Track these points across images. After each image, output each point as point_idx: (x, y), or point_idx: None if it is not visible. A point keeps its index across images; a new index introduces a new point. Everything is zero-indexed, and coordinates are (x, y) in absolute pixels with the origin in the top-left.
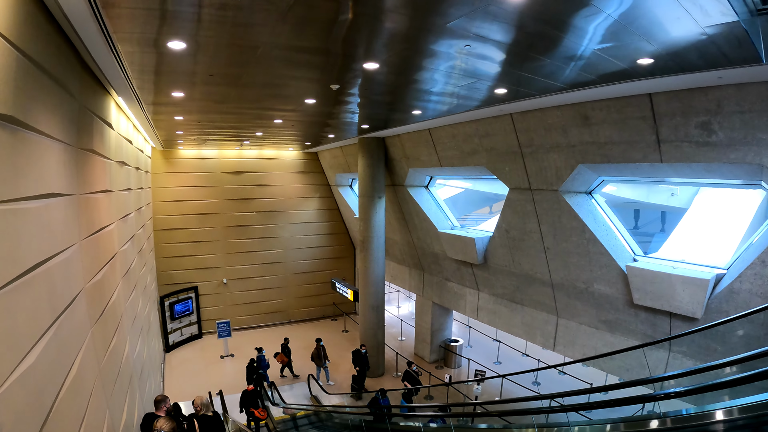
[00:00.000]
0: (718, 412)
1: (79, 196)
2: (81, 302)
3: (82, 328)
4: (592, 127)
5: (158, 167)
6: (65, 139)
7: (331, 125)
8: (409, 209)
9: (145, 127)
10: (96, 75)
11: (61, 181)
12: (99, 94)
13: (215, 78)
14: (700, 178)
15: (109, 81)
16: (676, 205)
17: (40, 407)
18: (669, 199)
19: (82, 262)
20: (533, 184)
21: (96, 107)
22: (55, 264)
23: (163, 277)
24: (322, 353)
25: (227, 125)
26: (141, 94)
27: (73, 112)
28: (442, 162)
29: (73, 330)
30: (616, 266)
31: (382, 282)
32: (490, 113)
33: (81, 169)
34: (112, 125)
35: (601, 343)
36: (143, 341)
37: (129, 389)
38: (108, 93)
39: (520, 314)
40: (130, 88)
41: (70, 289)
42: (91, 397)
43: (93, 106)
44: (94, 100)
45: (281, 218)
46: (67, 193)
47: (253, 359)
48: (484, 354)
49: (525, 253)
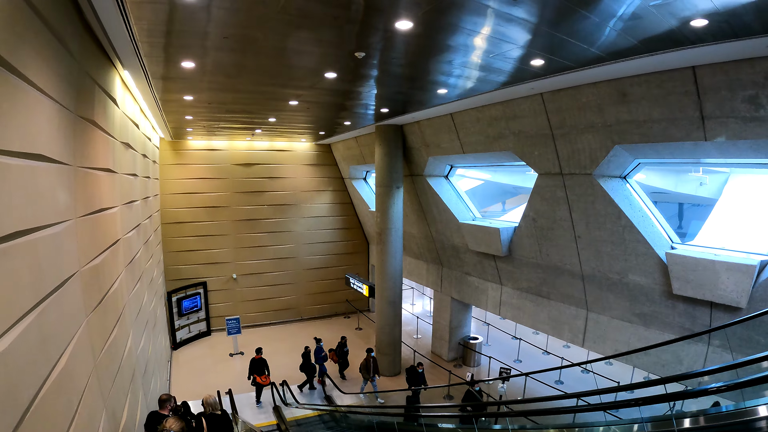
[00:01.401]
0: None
1: (77, 168)
2: (75, 287)
3: (74, 315)
4: (630, 104)
5: (166, 158)
6: (61, 100)
7: (348, 109)
8: (427, 200)
9: (153, 111)
10: (99, 40)
11: (54, 146)
12: (103, 64)
13: (230, 42)
14: (745, 157)
15: (115, 48)
16: (705, 195)
17: (12, 405)
18: (698, 188)
19: (78, 242)
20: (565, 168)
21: (99, 77)
22: (41, 237)
23: (170, 272)
24: (372, 365)
25: (239, 108)
26: (149, 64)
27: (72, 74)
28: (465, 148)
29: (62, 317)
30: (653, 254)
31: (399, 276)
32: (518, 93)
33: (79, 139)
34: (116, 102)
35: (634, 338)
36: (148, 336)
37: (131, 387)
38: (113, 65)
39: (546, 309)
40: (136, 55)
41: (60, 270)
42: (83, 394)
43: (95, 74)
44: (96, 68)
45: (293, 212)
46: (62, 161)
47: (307, 347)
48: (504, 352)
49: (554, 243)
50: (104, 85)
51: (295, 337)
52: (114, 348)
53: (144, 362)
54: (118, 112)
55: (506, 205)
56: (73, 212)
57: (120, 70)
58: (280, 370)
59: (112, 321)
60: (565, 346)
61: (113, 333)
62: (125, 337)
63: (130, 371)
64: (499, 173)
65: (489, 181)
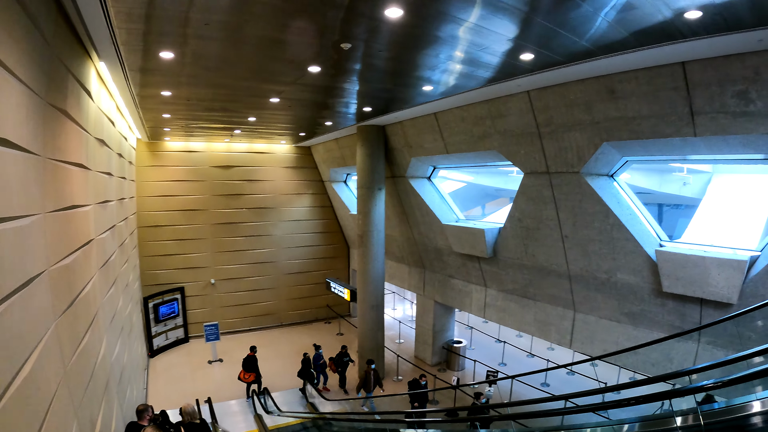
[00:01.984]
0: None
1: (46, 159)
2: (42, 287)
3: (41, 318)
4: (618, 101)
5: (143, 160)
6: (31, 84)
7: (331, 107)
8: (410, 202)
9: (130, 108)
10: (74, 26)
11: (20, 131)
12: (78, 53)
13: (211, 29)
14: (735, 153)
15: (90, 36)
16: (689, 194)
17: None
18: (682, 188)
19: (47, 239)
20: (551, 167)
21: (73, 66)
22: (4, 230)
23: (147, 277)
24: (373, 378)
25: (218, 105)
26: (126, 54)
27: (44, 58)
28: (449, 148)
29: (27, 319)
30: (642, 253)
31: (382, 279)
32: (505, 91)
33: (50, 129)
34: (91, 95)
35: (623, 338)
36: (123, 343)
37: (105, 396)
38: (88, 55)
39: (532, 310)
40: (113, 43)
41: (25, 267)
42: (51, 404)
43: (70, 62)
44: (71, 56)
45: (272, 215)
46: (29, 150)
47: (306, 354)
48: (488, 355)
49: (540, 244)
50: (79, 76)
51: (276, 344)
52: (86, 354)
53: (119, 370)
54: (93, 106)
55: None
56: (41, 206)
57: (96, 62)
58: (262, 376)
59: (83, 325)
60: (549, 349)
61: (85, 338)
62: (98, 343)
63: (104, 379)
64: (482, 175)
65: (471, 184)
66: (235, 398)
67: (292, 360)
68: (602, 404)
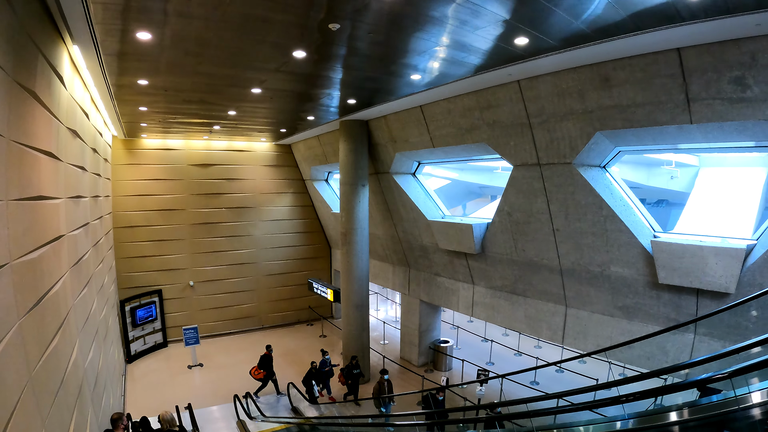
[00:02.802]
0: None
1: (10, 141)
2: (3, 281)
3: (2, 316)
4: (612, 89)
5: (119, 158)
6: None
7: (314, 99)
8: (394, 199)
9: (105, 101)
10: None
11: None
12: (49, 33)
13: (192, 5)
14: (730, 140)
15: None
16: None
17: None
18: (669, 182)
19: (10, 230)
20: (543, 158)
21: (45, 46)
22: None
23: (123, 279)
24: (387, 390)
25: (197, 97)
26: (101, 35)
27: (12, 31)
28: (435, 142)
29: None
30: (637, 244)
31: (366, 278)
32: (494, 81)
33: (16, 109)
34: (64, 81)
35: (617, 332)
36: (98, 347)
37: (77, 404)
38: (61, 37)
39: (522, 307)
40: (87, 23)
41: None
42: (14, 412)
43: (40, 41)
44: (42, 35)
45: (252, 215)
46: None
47: (313, 362)
48: (475, 355)
49: (530, 238)
50: (50, 57)
51: (257, 347)
52: (55, 358)
53: (93, 376)
54: (66, 93)
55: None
56: (3, 192)
57: (69, 46)
58: (243, 381)
59: (52, 327)
60: (536, 347)
61: (54, 341)
62: (70, 347)
63: (76, 386)
64: (466, 172)
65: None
66: (217, 404)
67: (274, 363)
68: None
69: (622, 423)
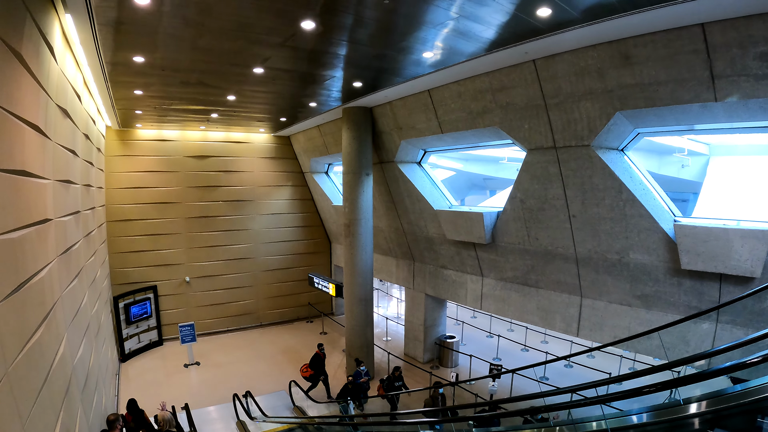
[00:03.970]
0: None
1: None
2: None
3: None
4: (634, 66)
5: (113, 149)
6: None
7: (318, 82)
8: (399, 189)
9: (99, 85)
10: None
11: None
12: None
13: None
14: (755, 119)
15: None
16: (687, 177)
17: None
18: (680, 171)
19: None
20: (559, 141)
21: (33, 7)
22: None
23: (117, 275)
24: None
25: (196, 78)
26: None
27: None
28: (444, 128)
29: None
30: (658, 229)
31: (370, 272)
32: (508, 61)
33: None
34: (54, 52)
35: (635, 322)
36: (89, 344)
37: (64, 404)
38: (52, 3)
39: (535, 299)
40: None
41: None
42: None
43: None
44: None
45: (250, 208)
46: None
47: (350, 377)
48: (481, 351)
49: (544, 226)
50: (40, 22)
51: (256, 345)
52: (39, 353)
53: (84, 374)
54: (56, 68)
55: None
56: None
57: (61, 14)
58: (242, 379)
59: (35, 317)
60: (543, 342)
61: (37, 333)
62: (56, 341)
63: (62, 384)
64: (471, 163)
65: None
66: (215, 404)
67: (274, 361)
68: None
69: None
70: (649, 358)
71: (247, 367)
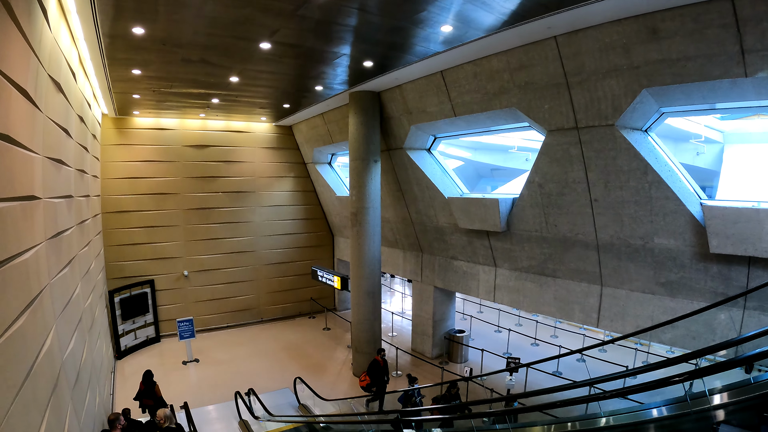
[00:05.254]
0: None
1: None
2: None
3: None
4: (661, 41)
5: (109, 138)
6: None
7: (326, 60)
8: (407, 177)
9: (95, 62)
10: None
11: None
12: None
13: None
14: None
15: None
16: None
17: None
18: (695, 158)
19: None
20: (581, 121)
21: None
22: None
23: (112, 269)
24: None
25: (198, 55)
26: None
27: None
28: (457, 110)
29: None
30: (685, 212)
31: (378, 262)
32: (528, 38)
33: None
34: (48, 17)
35: (659, 311)
36: (81, 338)
37: (52, 401)
38: None
39: (551, 289)
40: None
41: None
42: None
43: None
44: None
45: (251, 200)
46: None
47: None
48: (489, 345)
49: (564, 211)
50: None
51: (256, 341)
52: (20, 343)
53: (75, 370)
54: (49, 35)
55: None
56: None
57: None
58: (244, 377)
59: (17, 302)
60: (552, 336)
61: (20, 321)
62: (42, 332)
63: (49, 380)
64: (480, 152)
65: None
66: (215, 403)
67: (276, 358)
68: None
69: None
70: (662, 351)
71: (248, 364)
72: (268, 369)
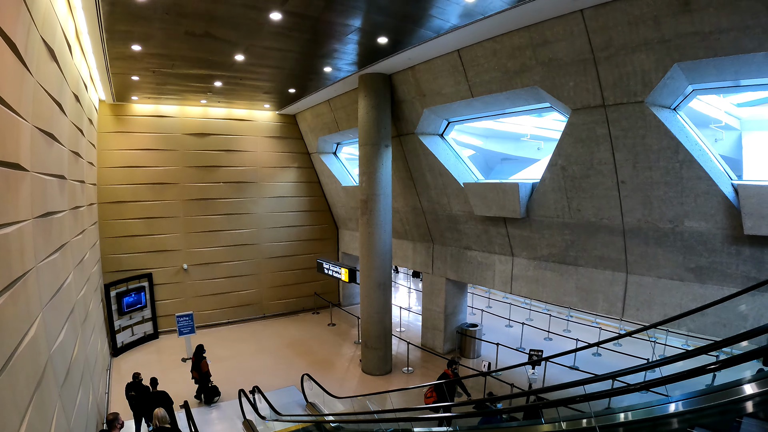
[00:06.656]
0: None
1: None
2: None
3: None
4: (693, 13)
5: (107, 125)
6: None
7: (337, 35)
8: (419, 164)
9: (93, 38)
10: None
11: None
12: None
13: None
14: None
15: None
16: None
17: None
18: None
19: None
20: (608, 98)
21: None
22: None
23: (108, 262)
24: None
25: (202, 28)
26: None
27: None
28: (474, 91)
29: None
30: (717, 192)
31: (389, 252)
32: (552, 12)
33: None
34: None
35: (688, 298)
36: (74, 331)
37: (35, 400)
38: None
39: (573, 278)
40: None
41: None
42: None
43: None
44: None
45: (253, 191)
46: None
47: None
48: (501, 339)
49: (588, 195)
50: None
51: (259, 337)
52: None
53: (65, 366)
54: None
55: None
56: None
57: None
58: (246, 375)
59: None
60: (565, 330)
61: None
62: (25, 320)
63: (32, 375)
64: (491, 140)
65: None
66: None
67: (280, 355)
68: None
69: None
70: (678, 343)
71: (251, 361)
72: (272, 366)
